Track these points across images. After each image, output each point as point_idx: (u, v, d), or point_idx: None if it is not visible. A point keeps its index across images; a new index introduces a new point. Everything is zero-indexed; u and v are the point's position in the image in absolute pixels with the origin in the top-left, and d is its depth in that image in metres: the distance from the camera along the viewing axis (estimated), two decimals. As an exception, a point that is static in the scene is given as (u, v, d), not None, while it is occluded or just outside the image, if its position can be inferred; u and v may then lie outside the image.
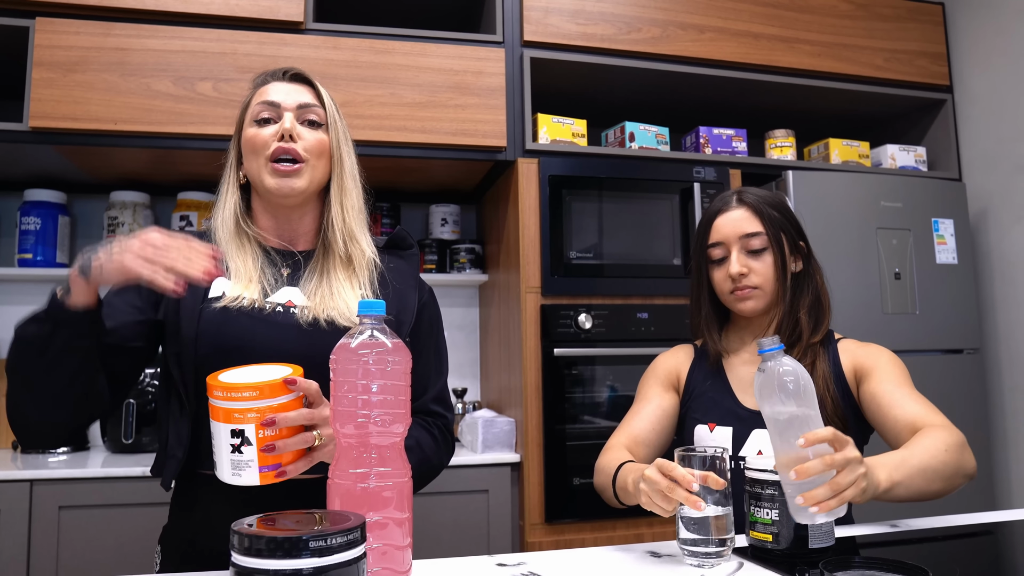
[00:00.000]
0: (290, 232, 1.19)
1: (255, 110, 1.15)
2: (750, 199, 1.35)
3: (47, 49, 2.00)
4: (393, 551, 0.81)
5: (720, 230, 1.34)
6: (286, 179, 1.11)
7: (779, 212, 1.34)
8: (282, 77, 1.19)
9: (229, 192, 1.18)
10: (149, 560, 1.93)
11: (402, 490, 0.83)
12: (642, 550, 1.09)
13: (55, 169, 2.31)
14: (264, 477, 0.88)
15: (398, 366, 0.83)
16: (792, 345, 1.32)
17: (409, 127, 2.19)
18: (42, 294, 2.47)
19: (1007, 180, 2.56)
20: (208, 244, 0.95)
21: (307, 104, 1.16)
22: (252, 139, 1.13)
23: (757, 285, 1.31)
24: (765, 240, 1.32)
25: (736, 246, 1.32)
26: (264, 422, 0.87)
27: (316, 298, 1.11)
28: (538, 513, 2.14)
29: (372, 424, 0.81)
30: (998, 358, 2.58)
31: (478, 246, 2.67)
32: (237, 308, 1.07)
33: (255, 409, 0.87)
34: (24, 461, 2.06)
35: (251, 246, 1.15)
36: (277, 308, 1.10)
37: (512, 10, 2.32)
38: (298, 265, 1.17)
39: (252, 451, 0.87)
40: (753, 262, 1.32)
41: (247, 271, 1.11)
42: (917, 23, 2.70)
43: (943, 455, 1.10)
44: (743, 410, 1.31)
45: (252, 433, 0.87)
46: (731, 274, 1.31)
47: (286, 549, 0.63)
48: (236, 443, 0.87)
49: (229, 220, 1.15)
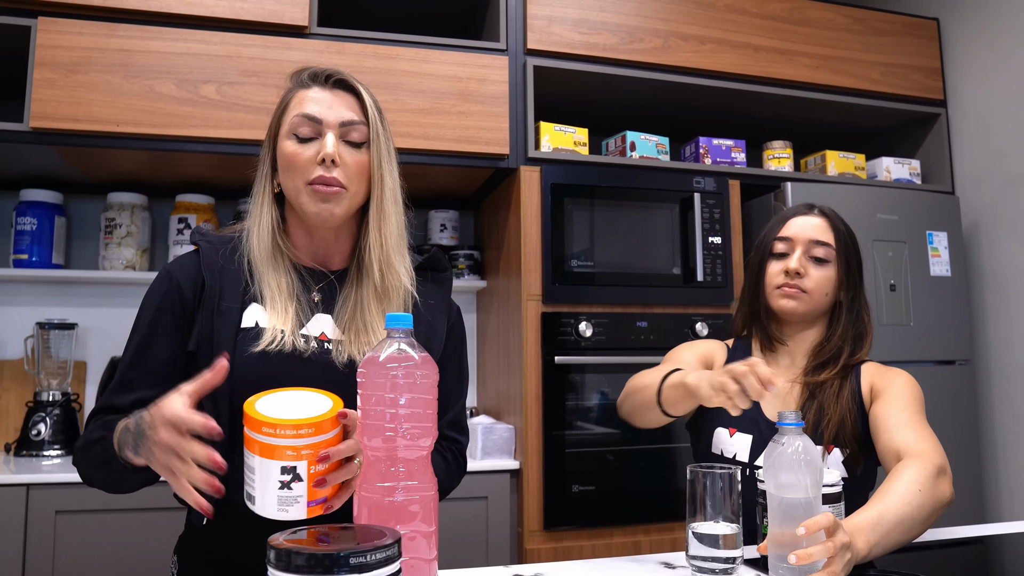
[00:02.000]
0: (324, 251, 1.14)
1: (294, 122, 1.08)
2: (831, 214, 1.38)
3: (49, 49, 1.98)
4: (420, 564, 0.81)
5: (793, 228, 1.37)
6: (327, 204, 1.07)
7: (852, 241, 1.37)
8: (324, 83, 1.11)
9: (264, 205, 1.12)
10: (146, 565, 1.92)
11: (428, 504, 0.83)
12: (655, 561, 1.10)
13: (51, 169, 2.29)
14: (312, 511, 0.84)
15: (426, 379, 0.84)
16: (824, 366, 1.33)
17: (412, 133, 2.19)
18: (38, 295, 2.45)
19: (999, 194, 2.60)
20: (206, 449, 0.84)
21: (350, 122, 1.08)
22: (291, 157, 1.07)
23: (807, 289, 1.33)
24: (831, 253, 1.34)
25: (802, 247, 1.35)
26: (319, 458, 0.83)
27: (351, 333, 1.08)
28: (537, 520, 2.14)
29: (400, 438, 0.82)
30: (989, 369, 2.62)
31: (476, 252, 2.67)
32: (277, 352, 1.04)
33: (310, 446, 0.83)
34: (20, 465, 2.03)
35: (285, 266, 1.11)
36: (312, 345, 1.07)
37: (516, 18, 2.33)
38: (330, 288, 1.13)
39: (303, 487, 0.83)
40: (812, 268, 1.34)
41: (283, 300, 1.07)
42: (913, 38, 2.74)
43: (917, 497, 1.06)
44: (764, 420, 1.33)
45: (304, 469, 0.83)
46: (788, 268, 1.33)
47: (326, 565, 0.63)
48: (286, 479, 0.83)
49: (266, 238, 1.10)
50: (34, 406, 2.24)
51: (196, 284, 1.09)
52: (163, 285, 1.09)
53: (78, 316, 2.46)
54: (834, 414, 1.27)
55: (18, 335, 2.42)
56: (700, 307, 2.36)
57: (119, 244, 2.39)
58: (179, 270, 1.10)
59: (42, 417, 2.21)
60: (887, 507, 1.04)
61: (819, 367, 1.33)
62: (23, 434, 2.20)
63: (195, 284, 1.09)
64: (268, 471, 0.83)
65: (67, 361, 2.32)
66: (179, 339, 1.07)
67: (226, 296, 1.07)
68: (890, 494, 1.06)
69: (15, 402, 2.37)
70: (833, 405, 1.28)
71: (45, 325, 2.31)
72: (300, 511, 0.83)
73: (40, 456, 2.16)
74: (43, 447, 2.18)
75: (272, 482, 0.83)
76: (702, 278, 2.34)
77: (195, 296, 1.08)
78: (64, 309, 2.47)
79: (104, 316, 2.50)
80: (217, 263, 1.10)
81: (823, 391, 1.30)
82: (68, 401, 2.27)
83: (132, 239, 2.40)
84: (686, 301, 2.35)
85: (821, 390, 1.30)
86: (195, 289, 1.08)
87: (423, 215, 2.82)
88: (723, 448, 1.34)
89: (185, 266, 1.11)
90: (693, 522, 1.01)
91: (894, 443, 1.19)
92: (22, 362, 2.38)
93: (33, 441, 2.18)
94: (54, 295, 2.47)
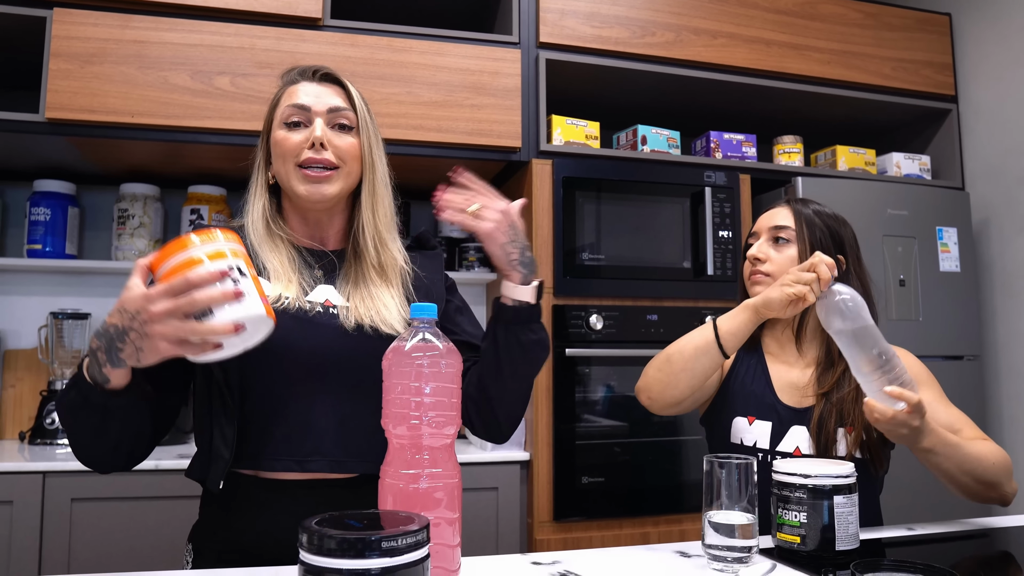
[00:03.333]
0: (320, 233, 1.19)
1: (285, 112, 1.13)
2: (795, 203, 1.43)
3: (64, 40, 1.99)
4: (445, 550, 0.82)
5: (759, 222, 1.45)
6: (317, 185, 1.11)
7: (822, 221, 1.39)
8: (312, 77, 1.17)
9: (258, 194, 1.17)
10: (161, 553, 1.94)
11: (452, 491, 0.84)
12: (670, 550, 1.11)
13: (65, 160, 2.30)
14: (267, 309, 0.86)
15: (450, 368, 0.85)
16: (831, 364, 1.35)
17: (425, 126, 2.19)
18: (51, 285, 2.47)
19: (1010, 191, 2.60)
20: (209, 292, 0.84)
21: (338, 108, 1.14)
22: (282, 143, 1.12)
23: (769, 273, 1.38)
24: (791, 234, 1.39)
25: (765, 235, 1.42)
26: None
27: (356, 299, 1.11)
28: (547, 511, 2.16)
29: (425, 426, 0.83)
30: (997, 366, 2.63)
31: (487, 245, 2.68)
32: (281, 309, 1.06)
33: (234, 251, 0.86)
34: (35, 453, 2.05)
35: (285, 246, 1.15)
36: (318, 309, 1.10)
37: (528, 12, 2.34)
38: (331, 266, 1.17)
39: (249, 283, 0.85)
40: (774, 252, 1.39)
41: (285, 271, 1.11)
42: (924, 33, 2.74)
43: (991, 459, 1.23)
44: (783, 407, 1.35)
45: (245, 266, 0.86)
46: (748, 256, 1.42)
47: (358, 549, 0.64)
48: (234, 275, 0.84)
49: (259, 222, 1.15)
50: (48, 395, 2.25)
51: None
52: None
53: (91, 306, 2.47)
54: (856, 419, 1.27)
55: (32, 325, 2.44)
56: (710, 301, 2.37)
57: (132, 235, 2.40)
58: None
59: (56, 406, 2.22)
60: (964, 442, 1.22)
61: (828, 366, 1.35)
62: (37, 423, 2.22)
63: None
64: (217, 284, 0.83)
65: (80, 350, 2.34)
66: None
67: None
68: (973, 443, 1.24)
69: (29, 391, 2.39)
70: (851, 408, 1.29)
71: (59, 315, 2.33)
72: (259, 311, 0.84)
73: (55, 444, 2.18)
74: (57, 435, 2.20)
75: (228, 289, 0.83)
76: (712, 272, 2.34)
77: None
78: (77, 299, 2.48)
79: (117, 306, 2.51)
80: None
81: (840, 399, 1.31)
82: (82, 390, 2.29)
83: (145, 230, 2.42)
84: (696, 295, 2.36)
85: (838, 397, 1.31)
86: None
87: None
88: (742, 437, 1.36)
89: None
90: (709, 511, 1.02)
91: (941, 421, 1.27)
92: (36, 351, 2.40)
93: (47, 430, 2.20)
94: (67, 285, 2.49)
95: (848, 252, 1.40)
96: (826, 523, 1.04)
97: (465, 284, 2.78)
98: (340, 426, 1.07)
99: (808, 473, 1.05)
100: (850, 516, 1.05)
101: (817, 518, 1.04)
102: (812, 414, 1.31)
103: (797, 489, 1.06)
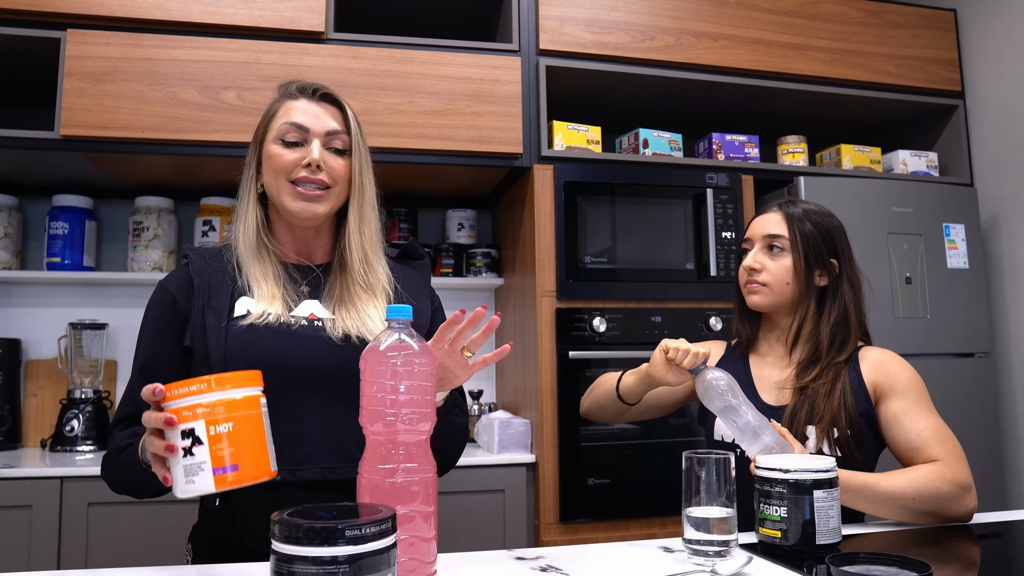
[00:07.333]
0: (307, 248, 1.23)
1: (281, 128, 1.16)
2: (787, 207, 1.43)
3: (78, 60, 2.06)
4: (420, 543, 0.85)
5: (751, 229, 1.46)
6: (309, 204, 1.15)
7: (814, 226, 1.40)
8: (311, 96, 1.20)
9: (249, 205, 1.20)
10: (177, 556, 1.99)
11: (428, 485, 0.87)
12: (654, 545, 1.13)
13: (82, 175, 2.38)
14: (220, 481, 0.84)
15: (425, 367, 0.88)
16: (814, 362, 1.36)
17: (428, 134, 2.24)
18: (70, 296, 2.55)
19: (1019, 186, 2.58)
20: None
21: (335, 131, 1.18)
22: (276, 159, 1.15)
23: (765, 282, 1.40)
24: (786, 244, 1.40)
25: (759, 243, 1.43)
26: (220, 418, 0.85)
27: (341, 312, 1.15)
28: (553, 513, 2.18)
29: (400, 422, 0.86)
30: (1010, 362, 2.60)
31: (494, 250, 2.71)
32: (264, 324, 1.10)
33: (206, 405, 0.85)
34: (55, 459, 2.12)
35: (271, 261, 1.18)
36: (303, 322, 1.13)
37: (528, 19, 2.37)
38: (317, 282, 1.20)
39: (204, 451, 0.84)
40: (769, 261, 1.41)
41: (269, 288, 1.15)
42: (929, 30, 2.73)
43: (916, 490, 1.19)
44: (762, 406, 1.37)
45: (203, 430, 0.84)
46: (744, 266, 1.43)
47: (324, 537, 0.67)
48: (187, 444, 0.84)
49: (251, 234, 1.18)
50: (67, 403, 2.33)
51: (187, 289, 1.16)
52: (159, 297, 1.17)
53: (108, 316, 2.55)
54: (825, 413, 1.30)
55: (52, 335, 2.52)
56: (714, 302, 2.38)
57: (147, 246, 2.47)
58: (171, 281, 1.18)
59: (75, 414, 2.29)
60: (883, 479, 1.20)
61: (810, 363, 1.36)
62: (57, 430, 2.29)
63: (187, 290, 1.16)
64: (173, 441, 0.85)
65: (98, 360, 2.41)
66: (179, 344, 1.14)
67: (215, 294, 1.14)
68: (898, 476, 1.21)
69: (50, 400, 2.47)
70: (824, 403, 1.31)
71: (77, 325, 2.40)
72: (206, 480, 0.83)
73: (74, 451, 2.25)
74: (76, 442, 2.27)
75: (179, 453, 0.84)
76: (715, 273, 2.35)
77: (187, 300, 1.15)
78: (95, 310, 2.56)
79: (134, 316, 2.58)
80: (206, 268, 1.17)
81: (815, 391, 1.33)
82: (100, 398, 2.36)
83: (159, 241, 2.49)
84: (700, 296, 2.37)
85: (813, 389, 1.33)
86: (187, 294, 1.15)
87: (440, 214, 2.87)
88: (723, 435, 1.39)
89: (177, 277, 1.19)
90: (688, 507, 1.04)
91: (907, 438, 1.27)
92: (56, 361, 2.47)
93: (67, 437, 2.27)
94: (85, 296, 2.57)
95: (840, 254, 1.42)
96: (807, 518, 1.05)
97: (473, 289, 2.82)
98: (330, 434, 1.11)
99: (789, 468, 1.07)
100: (831, 511, 1.06)
101: (798, 513, 1.05)
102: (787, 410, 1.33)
103: (778, 484, 1.07)
